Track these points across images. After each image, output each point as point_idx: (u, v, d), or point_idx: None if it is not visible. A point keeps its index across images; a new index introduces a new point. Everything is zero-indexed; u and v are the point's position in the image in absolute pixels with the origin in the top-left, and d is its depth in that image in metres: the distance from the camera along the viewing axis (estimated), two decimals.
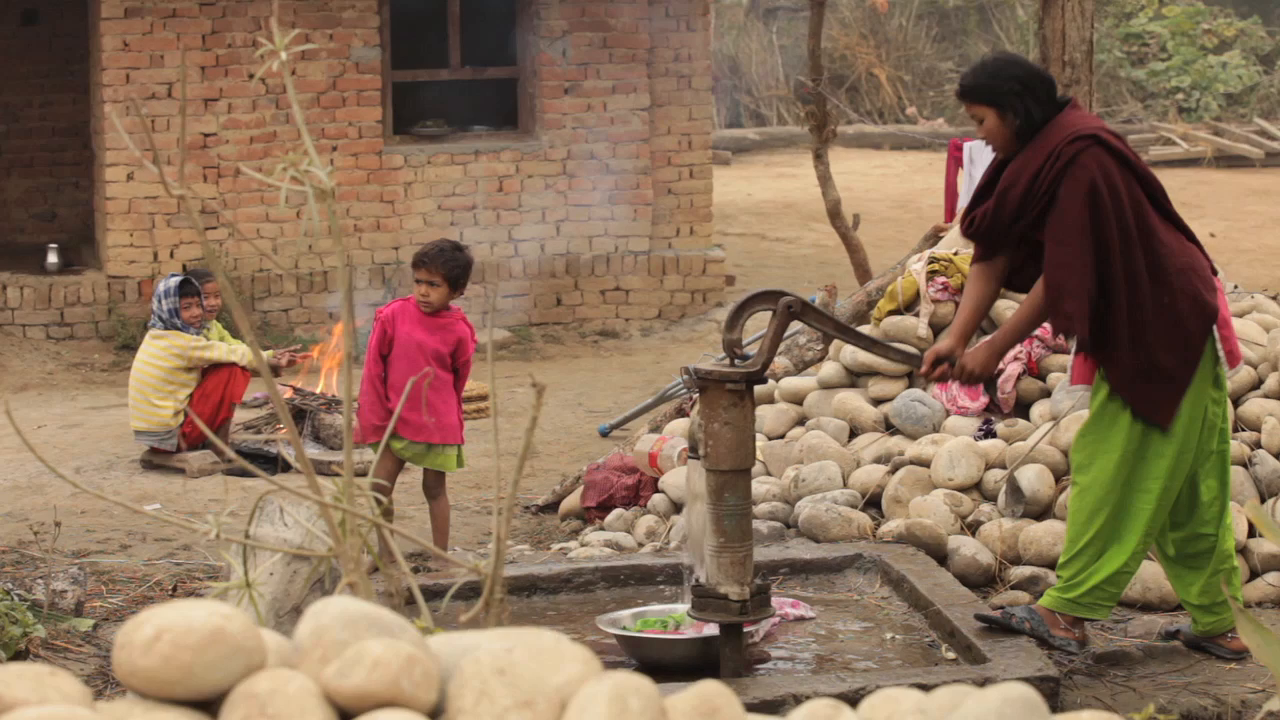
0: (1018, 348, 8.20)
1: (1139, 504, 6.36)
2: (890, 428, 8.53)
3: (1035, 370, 8.26)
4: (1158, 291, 6.25)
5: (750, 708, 2.17)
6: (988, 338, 6.65)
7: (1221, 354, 6.35)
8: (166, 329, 10.48)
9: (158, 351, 10.45)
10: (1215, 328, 6.33)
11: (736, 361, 6.15)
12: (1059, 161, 6.22)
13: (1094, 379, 6.43)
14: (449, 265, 8.07)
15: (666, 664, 6.21)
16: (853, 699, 2.49)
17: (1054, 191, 6.23)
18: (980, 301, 6.55)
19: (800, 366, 9.31)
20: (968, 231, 6.60)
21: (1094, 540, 6.39)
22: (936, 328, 8.62)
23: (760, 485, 7.94)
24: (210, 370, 10.48)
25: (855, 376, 8.85)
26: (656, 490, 8.59)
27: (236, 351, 10.50)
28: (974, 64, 6.60)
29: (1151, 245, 6.26)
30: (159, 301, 10.60)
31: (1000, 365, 6.78)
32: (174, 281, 10.61)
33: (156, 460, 10.52)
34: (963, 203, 14.74)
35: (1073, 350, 6.62)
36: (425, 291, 8.08)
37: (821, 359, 9.18)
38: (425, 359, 8.02)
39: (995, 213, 6.38)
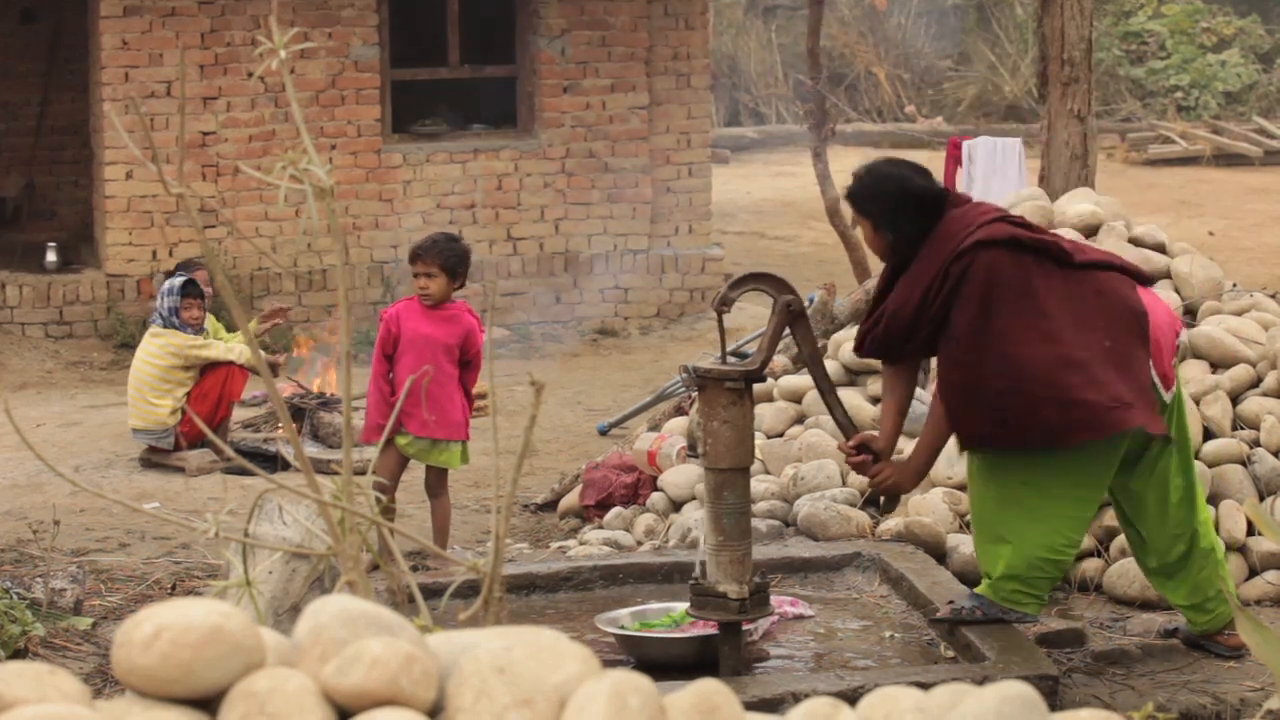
0: None
1: (1064, 511, 6.37)
2: None
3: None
4: (1098, 340, 6.20)
5: (749, 706, 2.17)
6: (909, 455, 6.63)
7: (1158, 383, 6.33)
8: (165, 327, 10.48)
9: (155, 350, 10.45)
10: (1129, 409, 6.30)
11: (733, 360, 6.16)
12: (948, 281, 6.16)
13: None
14: (444, 255, 8.09)
15: (665, 662, 6.21)
16: (851, 697, 2.49)
17: (947, 308, 6.19)
18: (901, 404, 6.55)
19: (799, 365, 9.31)
20: (860, 351, 6.59)
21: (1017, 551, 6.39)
22: None
23: (759, 484, 7.94)
24: (208, 369, 10.47)
25: (854, 375, 8.85)
26: (655, 489, 8.59)
27: (234, 350, 10.49)
28: (858, 171, 6.52)
29: (1073, 310, 6.21)
30: (161, 299, 10.61)
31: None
32: (177, 281, 10.62)
33: (155, 459, 10.51)
34: None
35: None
36: (424, 284, 8.10)
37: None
38: (433, 353, 8.02)
39: (886, 334, 6.36)
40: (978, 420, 6.24)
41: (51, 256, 14.35)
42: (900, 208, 6.29)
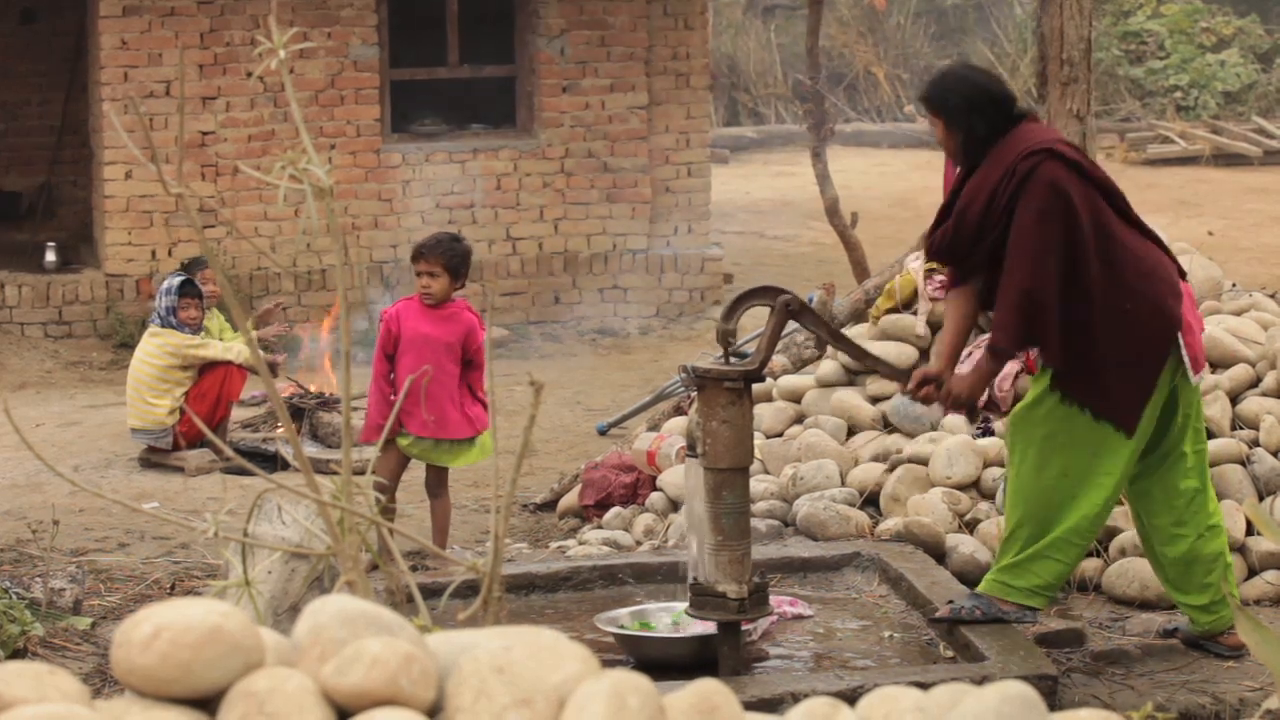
0: None
1: (1091, 498, 6.37)
2: (888, 426, 8.53)
3: (1033, 369, 8.26)
4: (1119, 298, 6.25)
5: (748, 706, 2.17)
6: (971, 362, 6.63)
7: (1186, 360, 6.34)
8: (163, 327, 10.48)
9: (153, 349, 10.45)
10: (1180, 334, 6.33)
11: (732, 359, 6.15)
12: (1014, 178, 6.22)
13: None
14: (448, 254, 8.10)
15: (665, 662, 6.21)
16: (851, 697, 2.49)
17: (1012, 208, 6.23)
18: (961, 324, 6.57)
19: (798, 365, 9.31)
20: (931, 253, 6.62)
21: (1036, 533, 6.41)
22: (934, 326, 8.61)
23: (758, 483, 7.94)
24: (206, 369, 10.47)
25: (853, 375, 8.85)
26: (654, 488, 8.59)
27: (232, 350, 10.49)
28: (936, 71, 6.63)
29: (1112, 253, 6.26)
30: (159, 299, 10.62)
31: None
32: (175, 281, 10.62)
33: (155, 459, 10.51)
34: None
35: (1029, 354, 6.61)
36: (426, 283, 8.10)
37: (819, 357, 9.18)
38: (433, 352, 8.02)
39: (955, 233, 6.39)
40: (1030, 325, 6.24)
41: (51, 256, 14.34)
42: (973, 108, 6.34)
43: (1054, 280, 6.19)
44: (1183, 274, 6.58)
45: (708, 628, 6.27)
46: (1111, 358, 6.25)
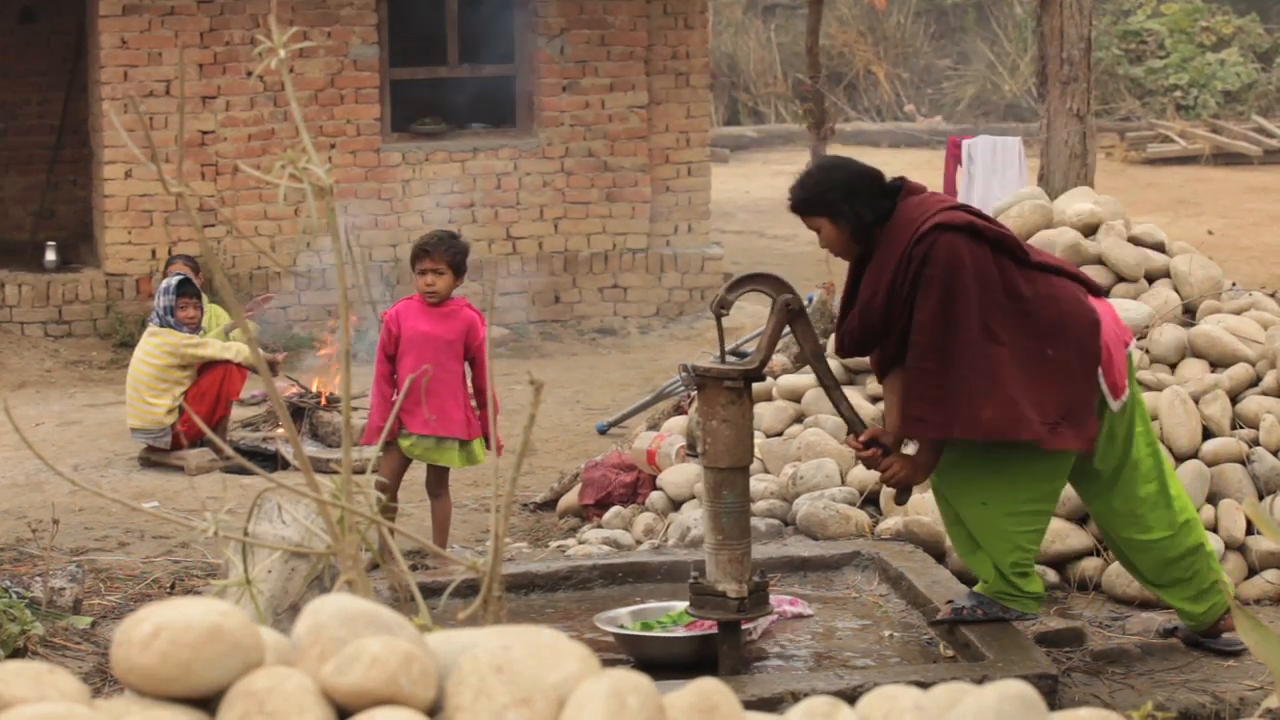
0: None
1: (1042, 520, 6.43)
2: None
3: None
4: (1040, 347, 6.21)
5: (748, 705, 2.17)
6: (917, 449, 6.61)
7: (1105, 390, 6.33)
8: (161, 326, 10.48)
9: (152, 349, 10.45)
10: (1099, 369, 6.31)
11: (730, 359, 6.15)
12: (912, 263, 6.13)
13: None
14: (452, 252, 8.11)
15: (665, 662, 6.21)
16: (851, 696, 2.49)
17: (915, 293, 6.16)
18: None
19: (798, 364, 9.31)
20: (841, 349, 6.57)
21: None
22: None
23: (758, 483, 7.94)
24: (205, 368, 10.46)
25: (854, 374, 8.85)
26: (654, 488, 8.58)
27: (231, 349, 10.48)
28: (800, 175, 6.48)
29: (1024, 308, 6.20)
30: (158, 298, 10.62)
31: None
32: (174, 280, 10.62)
33: (155, 458, 10.51)
34: (961, 199, 14.76)
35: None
36: (431, 281, 8.09)
37: None
38: (435, 351, 8.02)
39: (863, 328, 6.33)
40: (924, 404, 6.23)
41: (51, 255, 14.34)
42: (853, 194, 6.25)
43: (970, 357, 6.13)
44: (1097, 290, 6.54)
45: (707, 627, 6.27)
46: (1050, 398, 6.21)
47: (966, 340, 6.13)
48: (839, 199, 6.27)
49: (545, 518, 9.16)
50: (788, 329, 6.31)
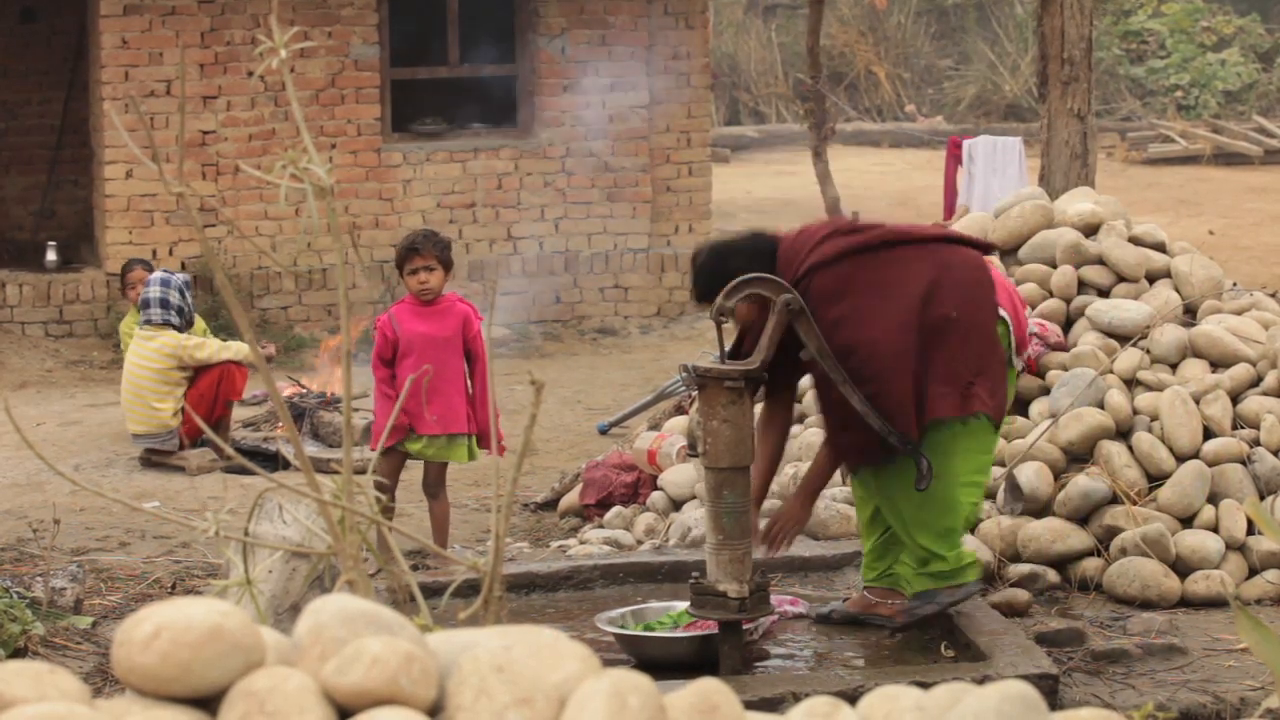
0: None
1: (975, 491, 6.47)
2: None
3: (1034, 368, 8.27)
4: (945, 322, 6.23)
5: (749, 705, 2.17)
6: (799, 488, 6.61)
7: (1014, 343, 6.42)
8: (160, 325, 10.43)
9: (151, 352, 10.38)
10: (1010, 323, 6.40)
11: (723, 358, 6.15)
12: (802, 314, 6.14)
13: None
14: (442, 247, 8.17)
15: (666, 662, 6.21)
16: (851, 696, 2.49)
17: (798, 343, 6.19)
18: (774, 449, 6.61)
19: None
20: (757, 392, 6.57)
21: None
22: None
23: None
24: (203, 370, 10.43)
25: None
26: (655, 488, 8.58)
27: (230, 348, 10.48)
28: (693, 271, 6.43)
29: (918, 290, 6.23)
30: (158, 297, 10.55)
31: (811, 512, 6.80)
32: (174, 276, 10.65)
33: (156, 458, 10.50)
34: (962, 199, 14.79)
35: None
36: (424, 279, 8.10)
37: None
38: (436, 350, 8.02)
39: (772, 373, 6.32)
40: (854, 435, 6.25)
41: (51, 255, 14.34)
42: (743, 268, 6.20)
43: (897, 371, 6.17)
44: (989, 249, 6.63)
45: (708, 627, 6.28)
46: (964, 374, 6.24)
47: (864, 354, 6.17)
48: (728, 279, 6.17)
49: (546, 518, 9.16)
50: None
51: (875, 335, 6.18)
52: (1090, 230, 8.72)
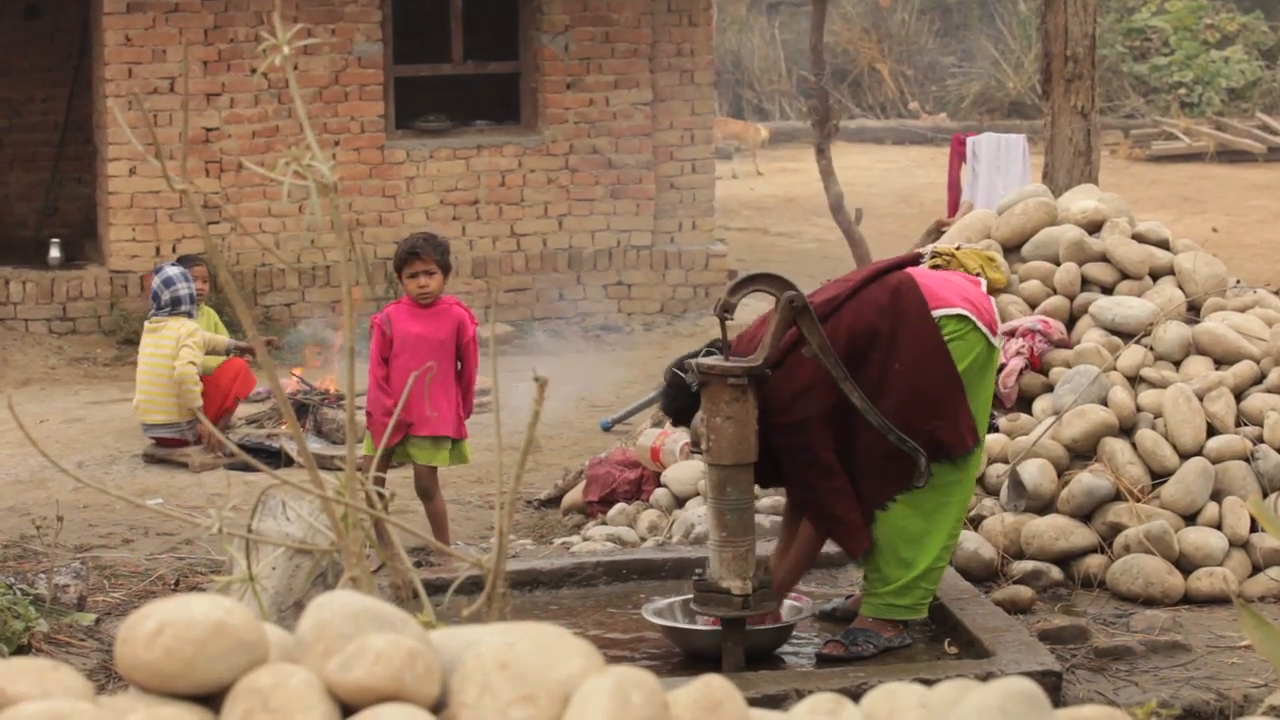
0: (1019, 343, 8.21)
1: (950, 521, 6.48)
2: None
3: (1037, 365, 8.27)
4: (889, 381, 6.26)
5: (753, 702, 2.17)
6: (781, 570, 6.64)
7: (984, 329, 6.39)
8: (174, 315, 10.45)
9: (161, 341, 10.42)
10: (972, 315, 6.34)
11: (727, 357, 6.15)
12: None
13: None
14: (441, 251, 8.17)
15: (715, 655, 6.21)
16: (855, 693, 2.49)
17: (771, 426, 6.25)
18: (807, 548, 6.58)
19: None
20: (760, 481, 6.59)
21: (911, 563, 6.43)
22: None
23: None
24: (221, 366, 10.53)
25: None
26: (659, 485, 8.59)
27: (222, 342, 10.61)
28: (666, 400, 6.53)
29: (871, 348, 6.28)
30: (176, 287, 10.55)
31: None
32: (176, 269, 10.69)
33: (159, 455, 10.51)
34: (966, 196, 14.77)
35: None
36: (424, 283, 8.10)
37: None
38: (429, 351, 8.03)
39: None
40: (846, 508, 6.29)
41: (55, 253, 14.34)
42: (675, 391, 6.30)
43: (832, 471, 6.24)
44: (918, 260, 6.70)
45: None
46: (921, 417, 6.27)
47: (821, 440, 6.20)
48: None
49: (549, 514, 9.16)
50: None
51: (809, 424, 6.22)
52: (1094, 227, 8.71)
